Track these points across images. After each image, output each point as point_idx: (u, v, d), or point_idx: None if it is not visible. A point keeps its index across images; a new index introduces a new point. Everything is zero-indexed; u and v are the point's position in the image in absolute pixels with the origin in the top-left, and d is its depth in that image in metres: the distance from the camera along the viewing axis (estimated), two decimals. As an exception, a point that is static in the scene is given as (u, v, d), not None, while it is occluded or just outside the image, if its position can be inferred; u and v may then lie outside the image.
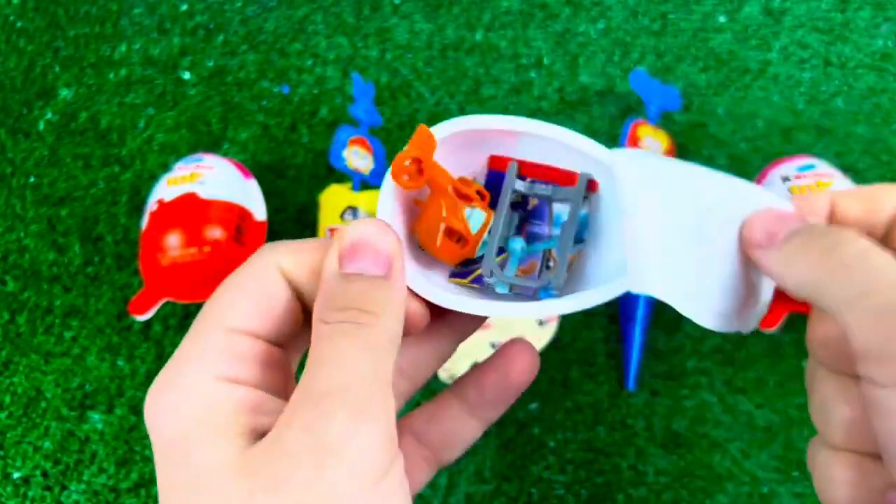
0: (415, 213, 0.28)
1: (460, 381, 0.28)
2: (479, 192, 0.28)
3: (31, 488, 0.48)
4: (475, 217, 0.27)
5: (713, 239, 0.26)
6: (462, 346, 0.46)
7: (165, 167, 0.59)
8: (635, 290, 0.26)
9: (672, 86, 0.59)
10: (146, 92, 0.63)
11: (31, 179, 0.60)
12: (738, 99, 0.59)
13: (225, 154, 0.59)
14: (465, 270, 0.28)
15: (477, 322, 0.29)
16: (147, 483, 0.48)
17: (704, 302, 0.26)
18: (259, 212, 0.52)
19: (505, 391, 0.27)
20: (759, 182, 0.50)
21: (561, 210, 0.28)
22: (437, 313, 0.25)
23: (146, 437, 0.49)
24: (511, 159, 0.28)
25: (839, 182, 0.46)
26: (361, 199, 0.52)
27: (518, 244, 0.28)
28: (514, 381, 0.27)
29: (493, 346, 0.46)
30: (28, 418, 0.51)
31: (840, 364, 0.23)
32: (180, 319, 0.53)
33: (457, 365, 0.46)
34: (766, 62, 0.60)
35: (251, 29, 0.66)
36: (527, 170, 0.28)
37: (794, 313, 0.46)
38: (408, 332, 0.23)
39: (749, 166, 0.55)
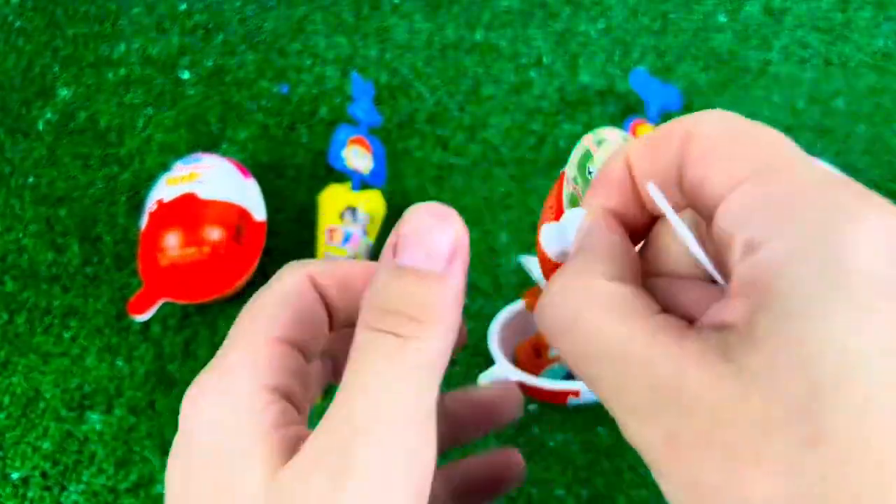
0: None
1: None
2: None
3: (31, 489, 0.48)
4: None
5: None
6: None
7: (164, 167, 0.59)
8: None
9: (672, 85, 0.59)
10: (145, 91, 0.63)
11: (30, 179, 0.60)
12: (739, 98, 0.59)
13: (224, 154, 0.59)
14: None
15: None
16: (146, 484, 0.48)
17: None
18: (258, 212, 0.52)
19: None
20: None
21: None
22: None
23: (145, 437, 0.49)
24: None
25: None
26: (361, 198, 0.52)
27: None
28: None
29: None
30: (27, 419, 0.51)
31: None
32: (179, 320, 0.53)
33: None
34: (767, 62, 0.60)
35: (250, 28, 0.66)
36: None
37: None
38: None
39: (749, 166, 0.55)
